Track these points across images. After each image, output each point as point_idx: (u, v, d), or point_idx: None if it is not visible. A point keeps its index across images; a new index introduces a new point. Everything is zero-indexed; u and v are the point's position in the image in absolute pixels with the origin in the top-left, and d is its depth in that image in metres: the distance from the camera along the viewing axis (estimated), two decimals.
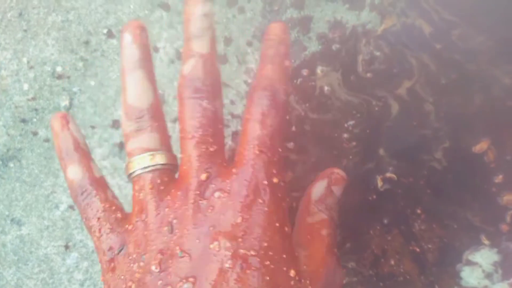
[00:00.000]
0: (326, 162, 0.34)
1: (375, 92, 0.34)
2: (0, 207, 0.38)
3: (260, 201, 0.22)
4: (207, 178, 0.23)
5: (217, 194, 0.22)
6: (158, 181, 0.23)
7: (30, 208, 0.38)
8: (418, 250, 0.33)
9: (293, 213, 0.27)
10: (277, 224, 0.22)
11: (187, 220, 0.22)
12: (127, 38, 0.25)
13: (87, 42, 0.38)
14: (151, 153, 0.24)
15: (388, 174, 0.33)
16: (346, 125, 0.34)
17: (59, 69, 0.39)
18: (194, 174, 0.23)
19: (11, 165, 0.38)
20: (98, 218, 0.24)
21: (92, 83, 0.38)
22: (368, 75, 0.34)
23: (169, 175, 0.24)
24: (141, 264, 0.22)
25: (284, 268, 0.21)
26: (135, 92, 0.24)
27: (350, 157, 0.34)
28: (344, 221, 0.32)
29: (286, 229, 0.23)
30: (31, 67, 0.39)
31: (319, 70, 0.35)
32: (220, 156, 0.24)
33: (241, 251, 0.20)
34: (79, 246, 0.37)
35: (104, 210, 0.24)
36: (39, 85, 0.39)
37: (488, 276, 0.32)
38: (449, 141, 0.33)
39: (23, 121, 0.38)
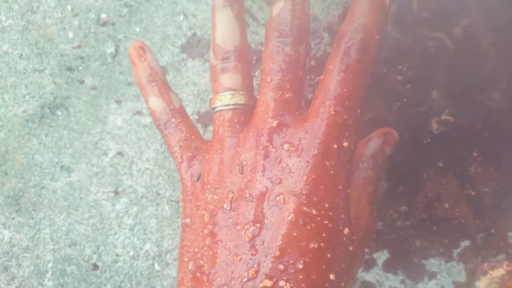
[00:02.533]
0: (380, 106, 0.33)
1: (431, 32, 0.33)
2: (49, 154, 0.38)
3: (327, 163, 0.22)
4: (278, 125, 0.23)
5: (285, 146, 0.23)
6: (235, 119, 0.25)
7: (79, 155, 0.38)
8: (473, 193, 0.32)
9: None
10: (340, 187, 0.23)
11: (256, 165, 0.23)
12: None
13: None
14: (232, 92, 0.25)
15: (444, 117, 0.32)
16: (400, 67, 0.33)
17: (103, 16, 0.39)
18: (266, 119, 0.23)
19: (59, 113, 0.38)
20: (180, 146, 0.26)
21: (137, 29, 0.38)
22: (424, 14, 0.33)
23: (246, 115, 0.25)
24: (215, 197, 0.24)
25: (340, 227, 0.23)
26: (223, 32, 0.25)
27: (404, 99, 0.33)
28: (397, 164, 0.32)
29: (348, 191, 0.24)
30: (76, 15, 0.39)
31: None
32: (295, 104, 0.24)
33: (304, 208, 0.22)
34: (128, 192, 0.38)
35: (185, 138, 0.26)
36: (84, 32, 0.38)
37: None
38: (508, 82, 0.32)
39: (69, 69, 0.38)
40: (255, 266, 0.21)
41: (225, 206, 0.23)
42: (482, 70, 0.32)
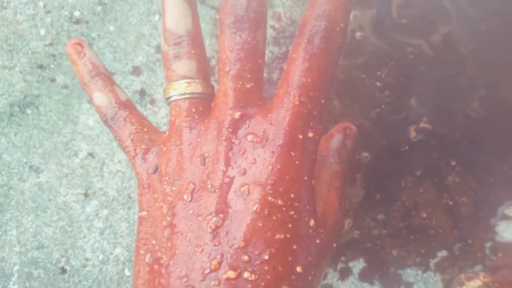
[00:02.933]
0: (357, 112, 0.32)
1: (410, 39, 0.33)
2: (18, 154, 0.37)
3: (292, 154, 0.22)
4: (241, 117, 0.22)
5: (250, 137, 0.22)
6: (193, 109, 0.23)
7: (49, 156, 0.37)
8: (451, 203, 0.32)
9: None
10: (305, 178, 0.22)
11: (218, 156, 0.22)
12: None
13: None
14: (188, 80, 0.23)
15: (422, 124, 0.32)
16: (378, 73, 0.33)
17: (77, 13, 0.37)
18: (228, 111, 0.22)
19: (29, 111, 0.37)
20: (132, 140, 0.24)
21: (112, 28, 0.37)
22: (403, 21, 0.33)
23: (204, 105, 0.24)
24: (174, 188, 0.23)
25: (306, 218, 0.22)
26: (174, 17, 0.24)
27: (383, 106, 0.32)
28: (374, 171, 0.31)
29: (313, 181, 0.23)
30: (48, 12, 0.37)
31: (351, 15, 0.33)
32: (257, 94, 0.23)
33: (270, 198, 0.21)
34: (98, 194, 0.36)
35: (137, 131, 0.25)
36: (56, 30, 0.37)
37: None
38: (487, 91, 0.31)
39: (40, 67, 0.37)
40: (218, 257, 0.21)
41: (185, 197, 0.22)
42: (461, 78, 0.32)
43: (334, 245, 0.24)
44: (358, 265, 0.34)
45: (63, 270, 0.37)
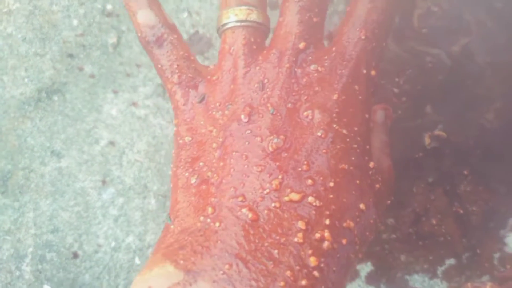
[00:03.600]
0: None
1: (429, 48, 0.37)
2: (42, 138, 0.42)
3: (356, 87, 0.23)
4: (305, 47, 0.24)
5: (313, 66, 0.23)
6: (252, 39, 0.24)
7: (71, 142, 0.42)
8: (461, 211, 0.35)
9: None
10: (366, 116, 0.24)
11: (279, 82, 0.23)
12: None
13: None
14: (249, 7, 0.24)
15: (437, 132, 0.36)
16: (397, 80, 0.37)
17: (109, 6, 0.43)
18: (292, 40, 0.24)
19: (55, 98, 0.43)
20: (178, 65, 0.25)
21: None
22: (424, 30, 0.37)
23: (262, 37, 0.25)
24: (226, 112, 0.23)
25: (366, 158, 0.23)
26: None
27: (399, 112, 0.36)
28: None
29: (371, 124, 0.25)
30: (82, 4, 0.43)
31: None
32: (320, 31, 0.25)
33: (334, 126, 0.22)
34: (116, 182, 0.41)
35: (184, 58, 0.25)
36: (88, 21, 0.43)
37: None
38: (503, 102, 0.35)
39: (70, 56, 0.43)
40: (279, 177, 0.21)
41: (242, 117, 0.22)
42: (478, 89, 0.36)
43: (388, 202, 0.26)
44: (365, 268, 0.37)
45: (75, 255, 0.42)
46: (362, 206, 0.22)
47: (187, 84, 0.25)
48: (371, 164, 0.24)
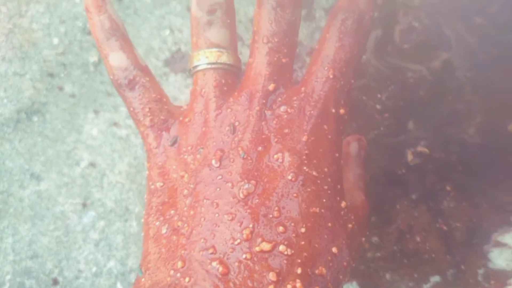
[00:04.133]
0: (356, 132, 0.40)
1: (411, 64, 0.40)
2: (21, 160, 0.45)
3: (325, 127, 0.24)
4: (274, 89, 0.25)
5: (283, 108, 0.25)
6: (223, 80, 0.26)
7: (51, 164, 0.44)
8: (445, 228, 0.38)
9: None
10: (337, 155, 0.25)
11: (250, 125, 0.24)
12: None
13: (120, 0, 0.46)
14: (220, 49, 0.26)
15: (420, 148, 0.39)
16: (379, 96, 0.40)
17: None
18: (262, 82, 0.25)
19: (35, 119, 0.45)
20: (150, 108, 0.26)
21: None
22: (405, 46, 0.40)
23: (233, 78, 0.26)
24: (198, 156, 0.24)
25: (338, 198, 0.24)
26: None
27: (381, 128, 0.39)
28: (370, 194, 0.38)
29: (342, 162, 0.26)
30: (63, 22, 0.46)
31: None
32: (290, 70, 0.26)
33: (304, 168, 0.23)
34: (97, 205, 0.43)
35: (157, 100, 0.26)
36: (69, 40, 0.46)
37: None
38: (484, 118, 0.38)
39: (50, 75, 0.45)
40: (250, 226, 0.22)
41: (213, 162, 0.24)
42: (459, 105, 0.38)
43: (363, 239, 0.27)
44: None
45: (55, 281, 0.44)
46: (334, 249, 0.23)
47: (159, 126, 0.26)
48: (343, 204, 0.24)
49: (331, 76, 0.25)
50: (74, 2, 0.44)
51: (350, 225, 0.25)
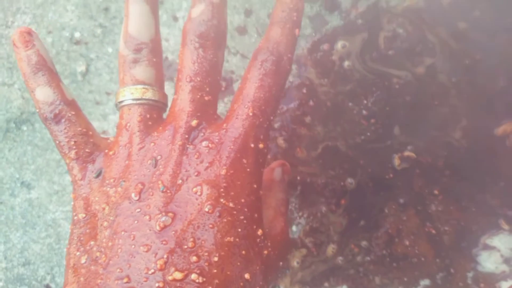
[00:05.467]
0: (343, 139, 0.38)
1: (396, 69, 0.39)
2: (11, 169, 0.43)
3: (244, 161, 0.25)
4: (197, 125, 0.26)
5: (204, 143, 0.25)
6: (148, 115, 0.26)
7: (41, 172, 0.43)
8: (434, 232, 0.37)
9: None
10: (255, 186, 0.26)
11: (172, 159, 0.25)
12: None
13: (106, 9, 0.44)
14: (145, 86, 0.26)
15: (407, 153, 0.37)
16: (365, 102, 0.39)
17: (77, 35, 0.44)
18: (185, 118, 0.26)
19: (24, 128, 0.44)
20: (75, 142, 0.26)
21: (110, 50, 0.43)
22: (390, 52, 0.39)
23: (158, 113, 0.27)
24: (119, 189, 0.25)
25: (254, 226, 0.25)
26: (138, 23, 0.27)
27: (368, 134, 0.38)
28: (359, 198, 0.36)
29: (261, 192, 0.27)
30: (49, 32, 0.44)
31: (339, 45, 0.40)
32: (212, 107, 0.27)
33: (222, 200, 0.24)
34: None
35: (82, 133, 0.26)
36: (56, 50, 0.44)
37: (507, 261, 0.36)
38: (471, 122, 0.37)
39: None
40: (165, 256, 0.22)
41: (132, 195, 0.24)
42: (444, 109, 0.37)
43: (281, 263, 0.28)
44: None
45: None
46: (247, 275, 0.24)
47: (85, 159, 0.26)
48: (260, 232, 0.25)
49: (250, 114, 0.26)
50: (60, 13, 0.43)
51: (266, 251, 0.26)
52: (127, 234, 0.23)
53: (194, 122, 0.26)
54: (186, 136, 0.25)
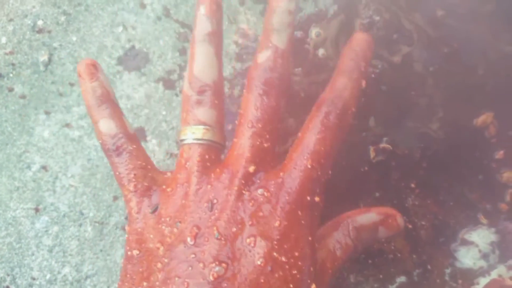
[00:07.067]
0: None
1: (372, 58, 0.36)
2: None
3: (300, 213, 0.25)
4: (254, 171, 0.26)
5: (260, 191, 0.25)
6: (207, 156, 0.26)
7: (1, 168, 0.39)
8: (410, 226, 0.34)
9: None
10: (310, 238, 0.25)
11: (228, 204, 0.25)
12: (202, 10, 0.28)
13: None
14: (206, 127, 0.27)
15: (382, 145, 0.35)
16: None
17: (40, 22, 0.41)
18: (243, 163, 0.26)
19: None
20: (135, 175, 0.27)
21: (74, 38, 0.40)
22: None
23: (217, 154, 0.27)
24: (175, 230, 0.25)
25: (308, 281, 0.24)
26: (203, 65, 0.27)
27: None
28: (334, 192, 0.34)
29: (316, 245, 0.26)
30: (11, 20, 0.41)
31: (314, 33, 0.37)
32: (271, 154, 0.27)
33: (274, 254, 0.24)
34: (49, 210, 0.39)
35: (141, 167, 0.27)
36: (18, 38, 0.41)
37: (485, 256, 0.33)
38: (448, 112, 0.35)
39: None
40: None
41: (188, 239, 0.24)
42: (421, 99, 0.35)
43: None
44: None
45: None
46: None
47: (142, 193, 0.26)
48: (313, 286, 0.24)
49: (309, 166, 0.25)
50: (21, 0, 0.39)
51: None
52: (180, 281, 0.23)
53: (251, 168, 0.26)
54: (243, 181, 0.25)
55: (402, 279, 0.34)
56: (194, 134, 0.27)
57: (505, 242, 0.33)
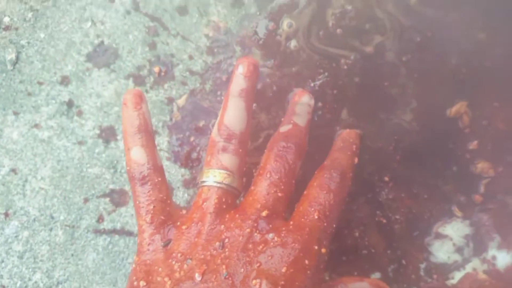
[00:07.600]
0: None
1: (344, 49, 0.43)
2: None
3: (306, 262, 0.30)
4: (267, 216, 0.31)
5: (271, 235, 0.31)
6: (224, 199, 0.33)
7: None
8: (384, 221, 0.40)
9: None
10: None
11: (239, 244, 0.30)
12: (240, 69, 0.35)
13: None
14: (228, 172, 0.33)
15: None
16: (312, 85, 0.43)
17: (6, 19, 0.44)
18: (257, 207, 0.32)
19: None
20: (154, 207, 0.32)
21: (42, 35, 0.44)
22: (338, 31, 0.43)
23: (232, 199, 0.33)
24: (185, 266, 0.29)
25: None
26: (233, 116, 0.34)
27: (315, 118, 0.41)
28: (304, 187, 0.41)
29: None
30: None
31: (285, 24, 0.44)
32: (283, 205, 0.33)
33: None
34: (19, 214, 0.43)
35: (161, 200, 0.33)
36: None
37: (459, 250, 0.39)
38: (422, 103, 0.40)
39: None
40: None
41: (196, 276, 0.29)
42: (394, 90, 0.40)
43: None
44: None
45: None
46: None
47: (157, 226, 0.32)
48: None
49: (316, 217, 0.32)
50: None
51: None
52: None
53: (264, 213, 0.32)
54: (255, 224, 0.31)
55: (376, 275, 0.40)
56: (215, 177, 0.33)
57: (479, 235, 0.39)
